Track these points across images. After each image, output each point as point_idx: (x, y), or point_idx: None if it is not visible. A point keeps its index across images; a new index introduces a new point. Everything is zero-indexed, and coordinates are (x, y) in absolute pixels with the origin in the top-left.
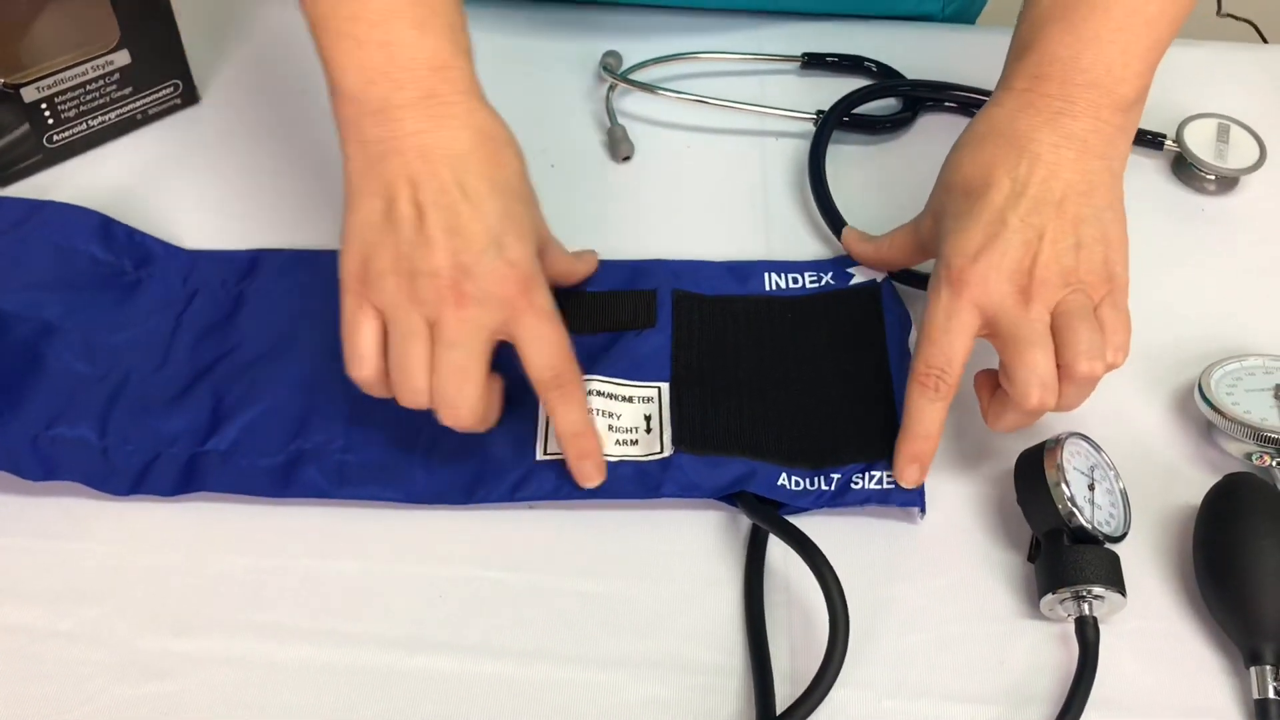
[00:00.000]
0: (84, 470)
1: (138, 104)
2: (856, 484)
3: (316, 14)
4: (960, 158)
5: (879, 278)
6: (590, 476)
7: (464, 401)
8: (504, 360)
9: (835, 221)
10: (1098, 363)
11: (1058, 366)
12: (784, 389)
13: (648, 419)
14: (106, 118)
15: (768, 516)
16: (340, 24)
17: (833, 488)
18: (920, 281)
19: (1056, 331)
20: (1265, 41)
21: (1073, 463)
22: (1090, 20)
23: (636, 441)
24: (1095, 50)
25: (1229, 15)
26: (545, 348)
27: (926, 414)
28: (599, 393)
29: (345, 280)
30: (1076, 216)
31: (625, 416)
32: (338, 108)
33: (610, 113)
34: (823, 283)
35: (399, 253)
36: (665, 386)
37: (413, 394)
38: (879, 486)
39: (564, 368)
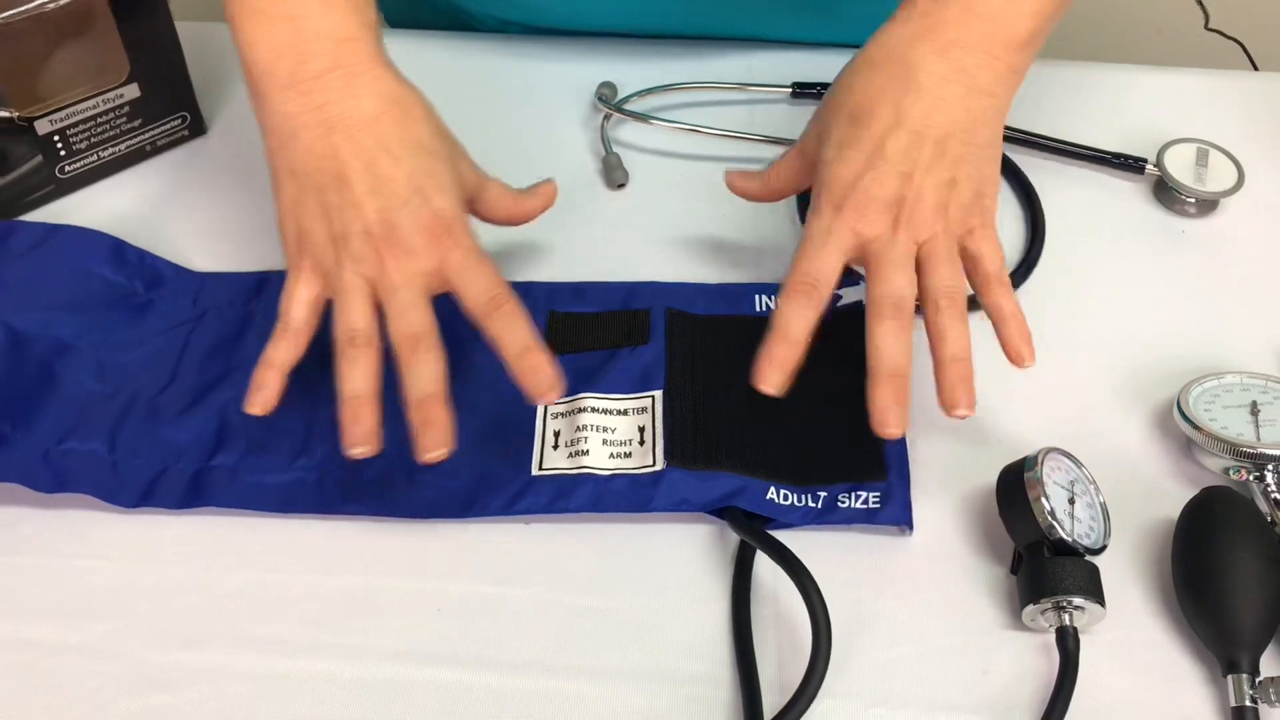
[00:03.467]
0: (94, 483)
1: (147, 135)
2: (843, 503)
3: None
4: (852, 81)
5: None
6: (545, 391)
7: (421, 322)
8: (493, 378)
9: None
10: (956, 297)
11: (924, 302)
12: (772, 406)
13: (641, 430)
14: (116, 149)
15: (754, 532)
16: (250, 2)
17: (819, 505)
18: None
19: (921, 268)
20: (1251, 60)
21: (1053, 477)
22: None
23: (630, 454)
24: None
25: (1216, 31)
26: (477, 278)
27: (796, 320)
28: (593, 409)
29: (288, 256)
30: (955, 154)
31: (619, 430)
32: (251, 84)
33: (605, 141)
34: None
35: (329, 219)
36: (659, 394)
37: (349, 335)
38: (865, 506)
39: (498, 291)
